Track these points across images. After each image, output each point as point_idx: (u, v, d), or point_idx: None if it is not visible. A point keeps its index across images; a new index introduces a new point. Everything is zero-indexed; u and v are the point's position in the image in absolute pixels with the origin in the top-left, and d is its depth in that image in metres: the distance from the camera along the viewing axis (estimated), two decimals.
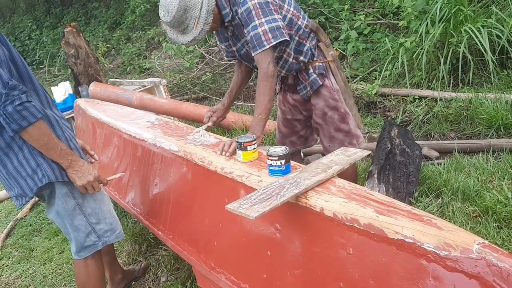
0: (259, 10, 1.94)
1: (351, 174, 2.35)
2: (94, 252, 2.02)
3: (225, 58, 2.45)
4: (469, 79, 3.88)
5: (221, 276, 1.75)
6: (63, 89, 5.21)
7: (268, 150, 1.62)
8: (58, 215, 1.94)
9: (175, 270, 2.59)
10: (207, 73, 6.22)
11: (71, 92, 5.26)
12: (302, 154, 2.85)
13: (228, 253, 1.78)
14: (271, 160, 1.59)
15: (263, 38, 1.94)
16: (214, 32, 2.23)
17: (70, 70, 6.03)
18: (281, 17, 2.01)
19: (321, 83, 2.24)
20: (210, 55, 6.42)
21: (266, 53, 1.96)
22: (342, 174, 1.62)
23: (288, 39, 2.00)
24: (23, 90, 1.62)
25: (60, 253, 3.11)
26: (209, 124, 2.34)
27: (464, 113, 3.59)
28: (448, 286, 1.06)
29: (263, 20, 1.94)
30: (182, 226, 2.08)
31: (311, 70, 2.24)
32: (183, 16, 1.92)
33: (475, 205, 2.48)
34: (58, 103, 5.10)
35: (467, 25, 3.79)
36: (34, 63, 11.84)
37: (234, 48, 2.22)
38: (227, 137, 3.38)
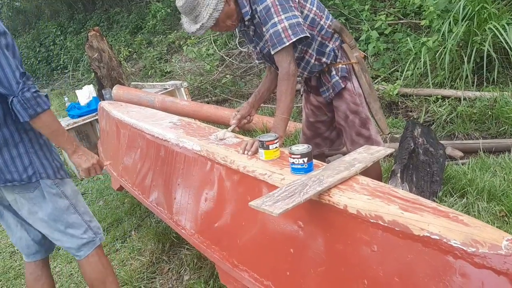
0: (279, 6, 1.91)
1: (377, 174, 2.32)
2: (96, 249, 2.06)
3: (256, 61, 2.44)
4: (493, 78, 3.80)
5: (244, 273, 1.76)
6: (87, 92, 5.34)
7: (290, 148, 1.62)
8: (49, 218, 1.94)
9: (198, 268, 2.61)
10: (227, 76, 6.26)
11: (94, 95, 5.38)
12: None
13: (251, 250, 1.78)
14: (294, 158, 1.59)
15: (282, 35, 1.91)
16: (240, 34, 2.23)
17: (93, 73, 6.14)
18: (300, 14, 1.99)
19: (343, 86, 2.18)
20: (230, 57, 6.47)
21: (286, 51, 1.94)
22: (367, 174, 1.59)
23: (308, 35, 1.97)
24: (33, 81, 1.75)
25: None
26: (233, 121, 2.30)
27: (489, 112, 3.52)
28: (476, 283, 1.05)
29: (282, 16, 1.91)
30: (205, 224, 2.10)
31: (334, 72, 2.18)
32: None
33: (502, 205, 2.43)
34: (82, 106, 5.23)
35: (491, 22, 3.72)
36: (58, 67, 12.12)
37: (258, 48, 2.20)
38: (248, 137, 3.39)
